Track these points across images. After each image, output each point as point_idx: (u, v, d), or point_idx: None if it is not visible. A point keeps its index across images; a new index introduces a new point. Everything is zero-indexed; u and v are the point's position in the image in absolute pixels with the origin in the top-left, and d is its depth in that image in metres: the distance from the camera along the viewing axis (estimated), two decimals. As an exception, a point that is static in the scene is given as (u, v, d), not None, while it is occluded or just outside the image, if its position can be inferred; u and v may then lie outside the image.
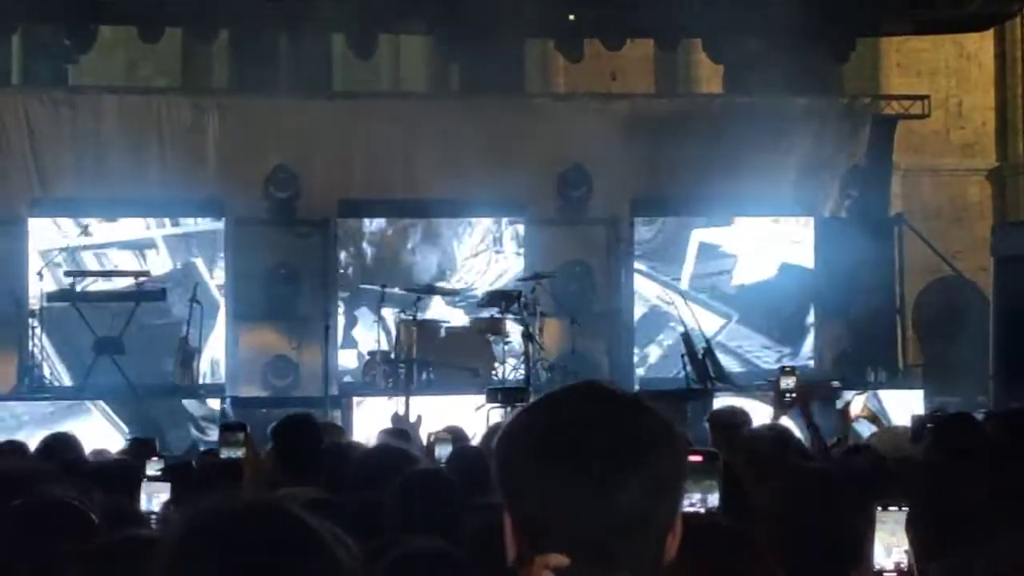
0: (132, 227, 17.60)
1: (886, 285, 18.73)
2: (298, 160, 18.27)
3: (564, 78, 21.60)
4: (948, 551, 3.49)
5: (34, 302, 16.47)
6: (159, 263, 17.45)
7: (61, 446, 7.60)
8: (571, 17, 18.02)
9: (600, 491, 2.19)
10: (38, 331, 16.28)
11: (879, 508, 3.98)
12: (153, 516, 4.99)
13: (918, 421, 8.70)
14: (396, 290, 16.92)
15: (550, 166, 18.46)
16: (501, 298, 16.51)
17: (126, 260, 17.38)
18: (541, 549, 2.20)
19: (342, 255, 17.99)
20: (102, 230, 17.40)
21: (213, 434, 14.91)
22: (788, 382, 8.01)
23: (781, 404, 7.96)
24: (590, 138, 18.74)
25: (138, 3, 17.28)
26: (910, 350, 19.33)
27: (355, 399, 15.74)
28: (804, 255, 18.32)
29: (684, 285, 18.00)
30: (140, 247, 17.51)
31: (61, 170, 18.10)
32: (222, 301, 17.51)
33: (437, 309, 17.34)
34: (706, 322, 17.48)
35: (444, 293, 17.27)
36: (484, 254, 17.90)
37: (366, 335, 17.30)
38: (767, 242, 18.37)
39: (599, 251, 18.54)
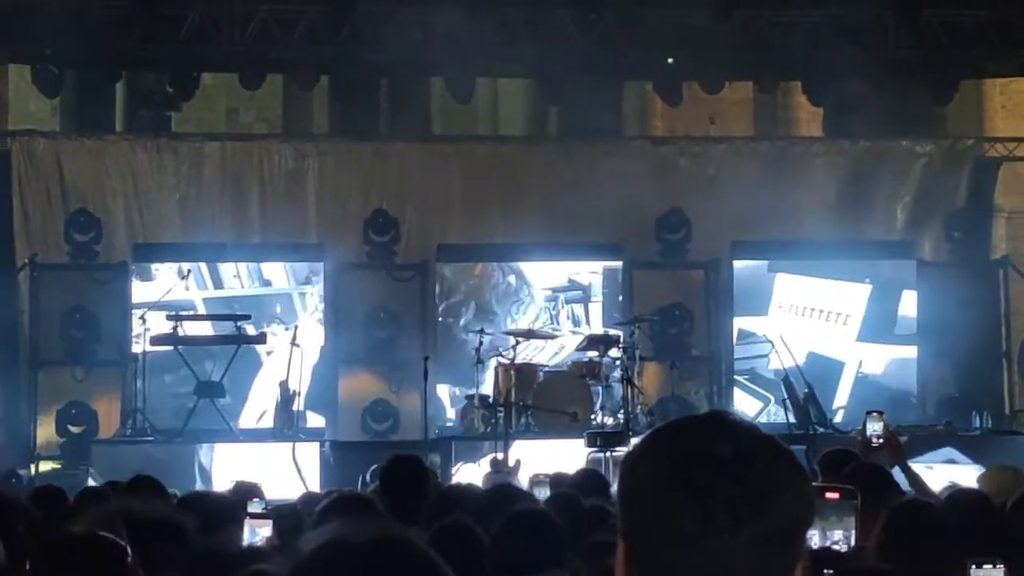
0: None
1: (991, 328, 18.44)
2: (397, 204, 18.36)
3: (662, 121, 21.52)
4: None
5: (137, 346, 16.63)
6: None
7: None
8: (670, 60, 17.98)
9: (724, 538, 2.12)
10: (141, 375, 16.41)
11: (973, 566, 3.86)
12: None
13: None
14: (494, 334, 16.89)
15: (648, 209, 18.40)
16: (600, 342, 16.45)
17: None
18: None
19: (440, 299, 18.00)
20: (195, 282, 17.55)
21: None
22: (875, 427, 7.84)
23: (867, 448, 7.80)
24: (689, 181, 18.69)
25: (239, 50, 17.46)
26: (1017, 394, 18.99)
27: (454, 443, 15.74)
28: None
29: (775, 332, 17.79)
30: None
31: (163, 216, 18.31)
32: (321, 345, 17.56)
33: (530, 355, 17.26)
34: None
35: (543, 337, 17.22)
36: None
37: (464, 380, 17.30)
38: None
39: (698, 294, 18.43)
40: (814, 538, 4.05)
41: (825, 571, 3.26)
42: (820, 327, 18.08)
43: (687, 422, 2.25)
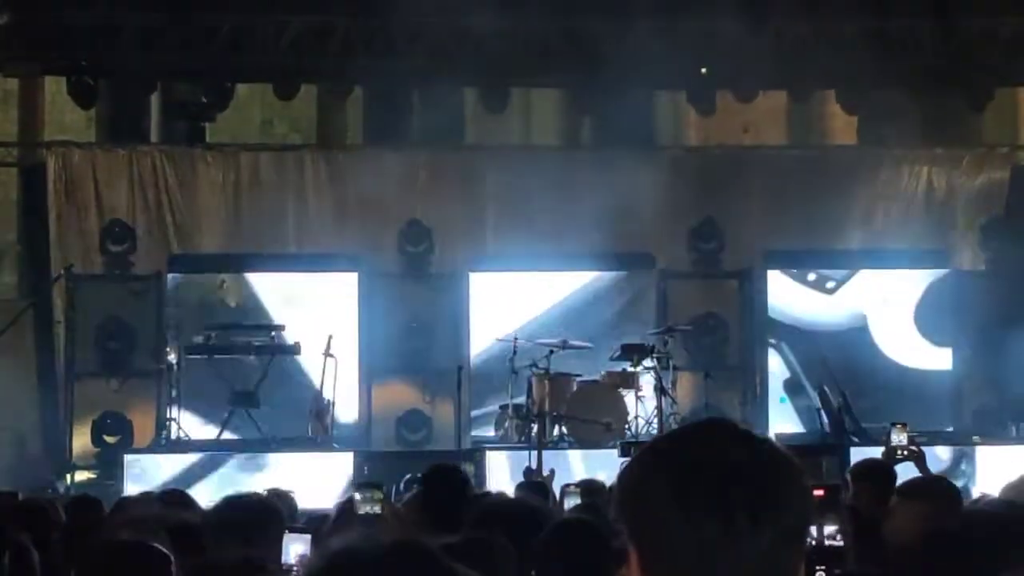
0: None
1: (1027, 338, 18.33)
2: (431, 214, 18.38)
3: (695, 131, 21.50)
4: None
5: (172, 356, 16.67)
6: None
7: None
8: (703, 70, 17.96)
9: (738, 540, 2.18)
10: (176, 384, 16.45)
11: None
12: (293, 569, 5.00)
13: None
14: (529, 343, 16.87)
15: (681, 219, 18.39)
16: (634, 351, 16.42)
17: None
18: None
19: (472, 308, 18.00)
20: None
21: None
22: (900, 437, 7.82)
23: (893, 459, 7.77)
24: (722, 191, 18.65)
25: (273, 60, 17.53)
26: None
27: (488, 453, 15.73)
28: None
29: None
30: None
31: (198, 226, 18.37)
32: (355, 354, 17.58)
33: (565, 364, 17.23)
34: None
35: (577, 347, 17.18)
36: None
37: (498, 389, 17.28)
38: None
39: (732, 304, 18.39)
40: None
41: (817, 568, 3.33)
42: (859, 332, 18.00)
43: (692, 431, 2.33)
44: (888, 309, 18.09)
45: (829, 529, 3.24)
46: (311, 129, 21.87)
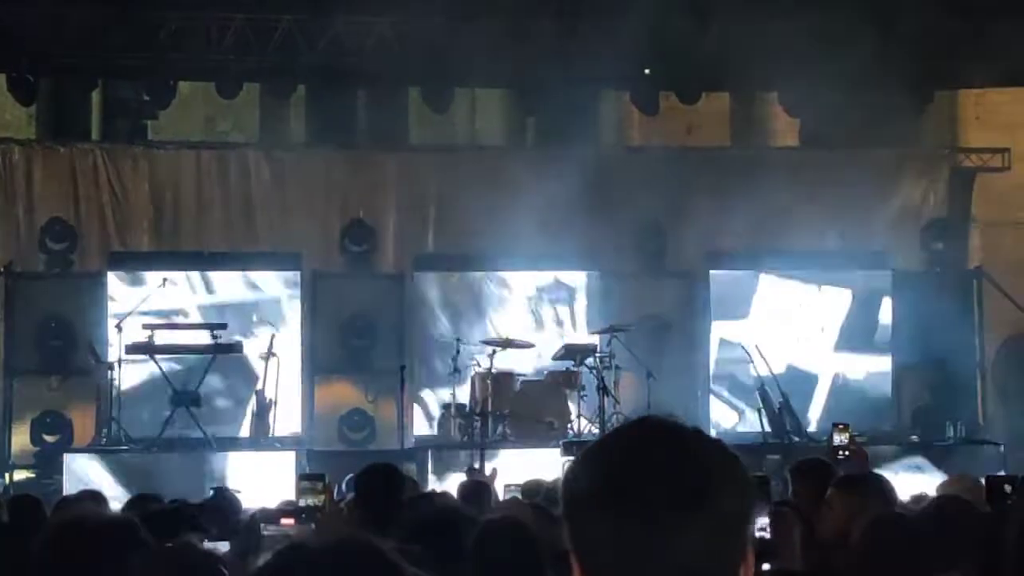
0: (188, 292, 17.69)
1: (966, 339, 18.50)
2: (374, 214, 18.37)
3: (639, 131, 21.54)
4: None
5: (112, 355, 16.57)
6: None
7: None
8: (647, 71, 18.01)
9: (667, 538, 2.14)
10: (116, 384, 16.35)
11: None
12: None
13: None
14: (471, 343, 16.88)
15: (626, 220, 18.44)
16: (577, 351, 16.46)
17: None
18: None
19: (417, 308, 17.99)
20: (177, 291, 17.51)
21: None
22: (841, 438, 7.88)
23: (835, 461, 7.83)
24: (665, 192, 18.71)
25: (216, 59, 17.45)
26: (990, 405, 19.06)
27: (430, 452, 15.73)
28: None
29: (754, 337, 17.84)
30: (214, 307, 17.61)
31: (139, 224, 18.28)
32: (297, 354, 17.53)
33: (508, 363, 17.25)
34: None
35: (520, 346, 17.20)
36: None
37: (441, 388, 17.29)
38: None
39: (675, 305, 18.45)
40: None
41: (764, 566, 3.32)
42: (798, 333, 18.10)
43: (618, 431, 2.28)
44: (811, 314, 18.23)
45: (760, 521, 3.26)
46: (254, 128, 21.78)
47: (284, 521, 5.51)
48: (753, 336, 17.68)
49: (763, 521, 3.21)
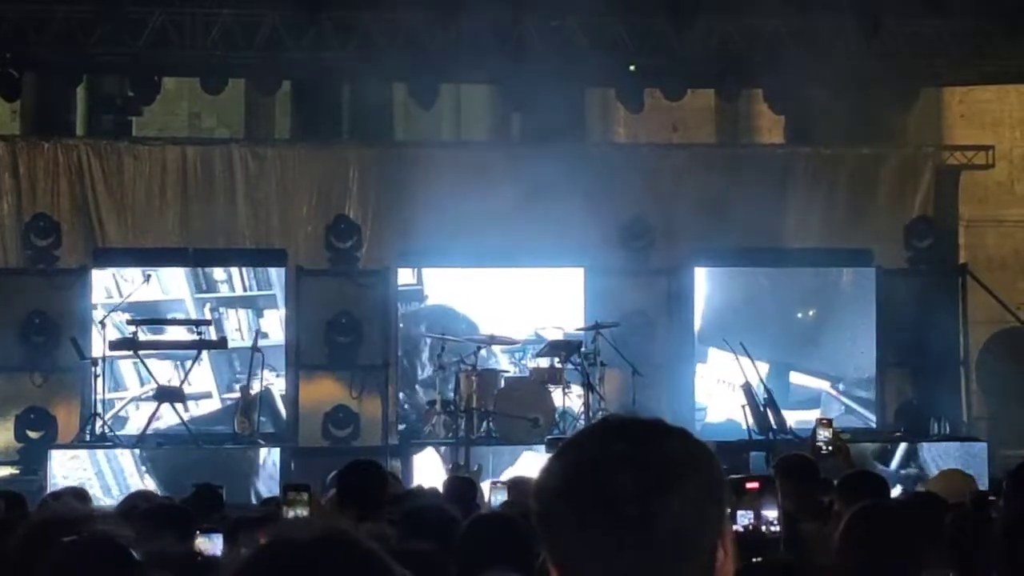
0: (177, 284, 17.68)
1: (950, 336, 18.53)
2: (360, 209, 18.36)
3: (625, 128, 21.56)
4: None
5: (96, 351, 16.54)
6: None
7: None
8: (632, 68, 18.01)
9: (632, 535, 2.14)
10: (100, 380, 16.32)
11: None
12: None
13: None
14: (456, 339, 16.87)
15: (611, 216, 18.43)
16: (562, 348, 16.46)
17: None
18: None
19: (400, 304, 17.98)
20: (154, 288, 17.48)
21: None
22: (824, 434, 7.89)
23: (819, 457, 7.84)
24: (651, 189, 18.73)
25: (201, 55, 17.41)
26: (974, 402, 19.11)
27: (415, 449, 15.73)
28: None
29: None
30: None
31: (124, 221, 18.24)
32: (282, 350, 17.52)
33: (492, 360, 17.27)
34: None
35: (504, 343, 17.20)
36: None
37: (425, 385, 17.29)
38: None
39: (661, 302, 18.45)
40: (746, 522, 4.09)
41: (754, 559, 3.32)
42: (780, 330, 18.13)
43: (588, 430, 2.29)
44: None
45: (771, 515, 3.25)
46: (239, 123, 21.76)
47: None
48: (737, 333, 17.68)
49: (772, 515, 3.20)
